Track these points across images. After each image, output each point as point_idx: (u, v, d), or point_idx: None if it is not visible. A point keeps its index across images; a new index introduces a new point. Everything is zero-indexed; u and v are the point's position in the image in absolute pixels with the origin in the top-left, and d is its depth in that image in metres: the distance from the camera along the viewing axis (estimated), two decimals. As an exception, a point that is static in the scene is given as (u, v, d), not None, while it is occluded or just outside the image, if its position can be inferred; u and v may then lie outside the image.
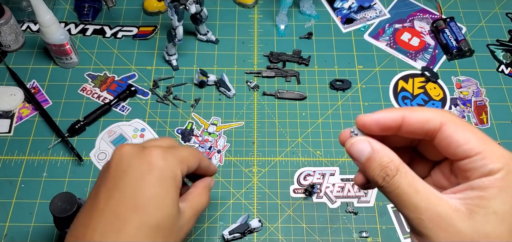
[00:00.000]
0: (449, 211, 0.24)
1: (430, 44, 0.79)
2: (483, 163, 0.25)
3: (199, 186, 0.42)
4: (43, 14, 0.66)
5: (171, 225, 0.35)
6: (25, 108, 0.71)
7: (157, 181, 0.34)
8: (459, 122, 0.27)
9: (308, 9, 0.82)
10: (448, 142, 0.26)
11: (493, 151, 0.25)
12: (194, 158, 0.40)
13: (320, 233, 0.61)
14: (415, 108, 0.28)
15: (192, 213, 0.39)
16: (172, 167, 0.35)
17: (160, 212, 0.34)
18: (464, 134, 0.26)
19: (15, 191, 0.63)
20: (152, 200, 0.34)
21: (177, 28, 0.69)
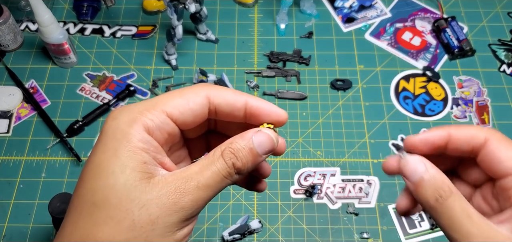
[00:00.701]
0: (501, 238, 0.24)
1: (432, 43, 0.79)
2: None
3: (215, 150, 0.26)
4: (42, 14, 0.66)
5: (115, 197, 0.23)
6: (24, 108, 0.70)
7: (101, 146, 0.24)
8: (503, 139, 0.27)
9: (308, 8, 0.81)
10: (491, 158, 0.27)
11: None
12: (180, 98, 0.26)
13: (321, 234, 0.60)
14: (460, 126, 0.29)
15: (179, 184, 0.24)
16: (120, 125, 0.24)
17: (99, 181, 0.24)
18: (508, 151, 0.26)
19: (14, 192, 0.63)
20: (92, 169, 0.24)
21: (177, 27, 0.69)
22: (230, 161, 0.25)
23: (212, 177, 0.25)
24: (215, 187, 0.25)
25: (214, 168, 0.25)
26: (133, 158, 0.24)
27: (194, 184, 0.24)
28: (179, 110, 0.26)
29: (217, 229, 0.61)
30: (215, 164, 0.25)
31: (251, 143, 0.26)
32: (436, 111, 0.71)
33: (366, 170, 0.65)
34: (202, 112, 0.27)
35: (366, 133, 0.69)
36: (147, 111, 0.25)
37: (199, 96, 0.27)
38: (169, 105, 0.26)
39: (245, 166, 0.26)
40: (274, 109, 0.28)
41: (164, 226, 0.23)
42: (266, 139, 0.27)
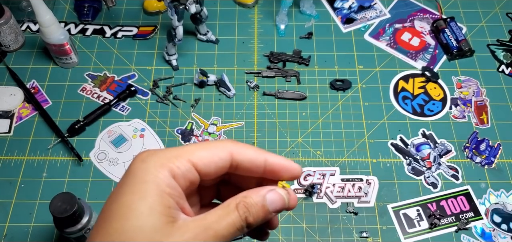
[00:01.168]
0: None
1: (431, 44, 0.79)
2: None
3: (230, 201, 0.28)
4: (43, 14, 0.66)
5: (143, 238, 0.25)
6: (25, 108, 0.71)
7: (130, 187, 0.26)
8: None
9: (308, 9, 0.82)
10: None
11: None
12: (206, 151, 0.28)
13: (321, 234, 0.61)
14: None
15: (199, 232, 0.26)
16: (150, 168, 0.26)
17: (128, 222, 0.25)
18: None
19: (15, 191, 0.63)
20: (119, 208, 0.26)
21: (177, 28, 0.69)
22: (244, 215, 0.27)
23: (227, 228, 0.27)
24: (228, 237, 0.27)
25: (229, 220, 0.27)
26: (160, 202, 0.25)
27: (212, 233, 0.26)
28: (204, 162, 0.28)
29: (217, 228, 0.61)
30: (230, 215, 0.27)
31: (264, 200, 0.28)
32: (435, 111, 0.72)
33: (365, 170, 0.66)
34: (224, 166, 0.29)
35: (366, 133, 0.69)
36: (175, 158, 0.27)
37: (224, 152, 0.28)
38: (196, 156, 0.28)
39: (255, 221, 0.28)
40: (291, 166, 0.30)
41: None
42: (278, 199, 0.29)
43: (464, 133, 0.69)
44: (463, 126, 0.70)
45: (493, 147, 0.68)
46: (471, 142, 0.69)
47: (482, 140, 0.69)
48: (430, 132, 0.70)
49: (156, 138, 0.68)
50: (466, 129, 0.70)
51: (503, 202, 0.63)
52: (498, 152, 0.68)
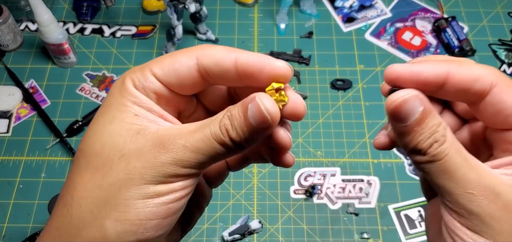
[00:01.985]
0: (503, 187, 0.21)
1: (432, 43, 0.79)
2: None
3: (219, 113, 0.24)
4: (42, 14, 0.66)
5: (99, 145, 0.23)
6: (24, 108, 0.70)
7: (101, 106, 0.25)
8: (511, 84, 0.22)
9: (308, 8, 0.81)
10: (498, 108, 0.22)
11: None
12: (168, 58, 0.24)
13: (321, 234, 0.60)
14: (462, 62, 0.23)
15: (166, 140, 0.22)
16: (115, 85, 0.24)
17: (88, 133, 0.24)
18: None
19: (14, 192, 0.63)
20: (89, 126, 0.24)
21: (177, 27, 0.69)
22: (224, 127, 0.22)
23: (202, 140, 0.22)
24: (205, 152, 0.22)
25: (207, 131, 0.22)
26: (122, 110, 0.23)
27: (182, 143, 0.22)
28: (163, 70, 0.24)
29: (217, 229, 0.60)
30: (209, 126, 0.22)
31: (246, 111, 0.22)
32: (436, 111, 0.71)
33: (366, 170, 0.65)
34: (189, 74, 0.24)
35: (366, 133, 0.69)
36: (137, 70, 0.25)
37: (187, 56, 0.24)
38: (157, 65, 0.24)
39: (240, 137, 0.22)
40: (268, 64, 0.23)
41: (141, 177, 0.22)
42: (255, 109, 0.22)
43: (465, 133, 0.69)
44: (465, 126, 0.70)
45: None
46: (472, 142, 0.68)
47: (483, 140, 0.68)
48: (431, 132, 0.69)
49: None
50: (467, 129, 0.70)
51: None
52: (500, 152, 0.67)
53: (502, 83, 0.22)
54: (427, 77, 0.22)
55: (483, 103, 0.22)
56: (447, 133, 0.22)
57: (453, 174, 0.21)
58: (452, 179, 0.21)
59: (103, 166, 0.22)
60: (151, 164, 0.22)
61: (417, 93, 0.22)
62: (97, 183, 0.22)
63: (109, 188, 0.22)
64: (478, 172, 0.21)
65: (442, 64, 0.22)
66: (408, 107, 0.22)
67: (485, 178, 0.21)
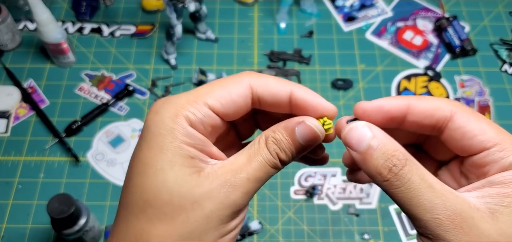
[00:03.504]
0: (469, 211, 0.21)
1: (433, 43, 0.78)
2: (503, 155, 0.22)
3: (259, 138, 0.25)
4: (40, 13, 0.65)
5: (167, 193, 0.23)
6: (22, 108, 0.70)
7: (146, 143, 0.24)
8: (471, 111, 0.24)
9: (309, 7, 0.81)
10: (461, 134, 0.23)
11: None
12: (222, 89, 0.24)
13: (321, 235, 0.60)
14: (422, 97, 0.25)
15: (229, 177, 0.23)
16: (164, 120, 0.23)
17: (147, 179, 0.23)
18: (480, 123, 0.23)
19: (12, 192, 0.62)
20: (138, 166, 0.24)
21: (176, 26, 0.68)
22: (274, 152, 0.24)
23: (260, 169, 0.24)
24: (264, 178, 0.24)
25: (260, 159, 0.24)
26: (180, 154, 0.23)
27: (245, 176, 0.23)
28: (221, 103, 0.24)
29: (216, 230, 0.60)
30: (261, 153, 0.24)
31: (293, 134, 0.24)
32: (437, 111, 0.71)
33: (367, 171, 0.65)
34: (245, 103, 0.25)
35: (367, 133, 0.68)
36: (189, 104, 0.24)
37: (241, 86, 0.25)
38: (211, 97, 0.24)
39: (288, 157, 0.25)
40: (322, 103, 0.25)
41: (218, 219, 0.23)
42: (308, 132, 0.24)
43: (467, 133, 0.69)
44: (466, 126, 0.69)
45: (496, 148, 0.67)
46: (474, 142, 0.68)
47: (485, 140, 0.68)
48: (432, 132, 0.69)
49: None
50: (469, 129, 0.69)
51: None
52: (502, 152, 0.67)
53: (462, 111, 0.24)
54: (389, 110, 0.25)
55: (447, 130, 0.24)
56: (407, 158, 0.22)
57: (419, 200, 0.22)
58: (418, 205, 0.22)
59: (178, 215, 0.23)
60: (225, 204, 0.23)
61: (365, 122, 0.24)
62: (177, 233, 0.23)
63: (190, 236, 0.23)
64: (445, 197, 0.22)
65: (402, 99, 0.25)
66: (357, 134, 0.23)
67: (452, 202, 0.21)
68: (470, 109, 0.24)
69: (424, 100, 0.24)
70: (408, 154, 0.23)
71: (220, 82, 0.25)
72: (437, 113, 0.24)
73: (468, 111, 0.24)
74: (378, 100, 0.25)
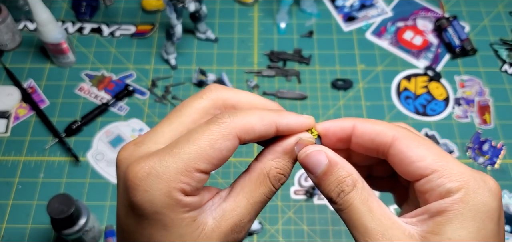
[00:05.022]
0: (401, 237, 0.22)
1: (433, 43, 0.78)
2: (441, 182, 0.22)
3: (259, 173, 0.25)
4: (40, 13, 0.65)
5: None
6: (22, 108, 0.70)
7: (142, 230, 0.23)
8: (413, 138, 0.24)
9: (309, 7, 0.81)
10: (400, 159, 0.24)
11: (452, 167, 0.23)
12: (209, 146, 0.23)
13: (322, 236, 0.60)
14: (367, 120, 0.25)
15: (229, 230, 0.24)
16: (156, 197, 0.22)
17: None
18: (419, 149, 0.23)
19: (12, 192, 0.62)
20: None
21: (176, 26, 0.68)
22: (278, 182, 0.25)
23: (261, 206, 0.25)
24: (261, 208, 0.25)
25: (262, 197, 0.25)
26: (185, 224, 0.23)
27: (247, 220, 0.24)
28: (213, 163, 0.23)
29: (216, 230, 0.60)
30: (262, 191, 0.25)
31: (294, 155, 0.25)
32: (437, 111, 0.71)
33: (367, 171, 0.65)
34: (234, 147, 0.24)
35: (367, 133, 0.68)
36: (181, 175, 0.22)
37: (230, 141, 0.23)
38: (203, 162, 0.23)
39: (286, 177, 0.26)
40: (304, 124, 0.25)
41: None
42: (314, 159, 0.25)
43: (467, 133, 0.69)
44: (466, 126, 0.69)
45: (496, 148, 0.67)
46: (474, 142, 0.68)
47: (485, 140, 0.68)
48: (432, 132, 0.69)
49: (154, 138, 0.67)
50: (469, 129, 0.69)
51: (506, 203, 0.63)
52: (501, 152, 0.67)
53: (402, 137, 0.24)
54: (335, 132, 0.26)
55: (390, 156, 0.24)
56: (357, 183, 0.23)
57: (355, 223, 0.23)
58: (354, 227, 0.23)
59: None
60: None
61: (321, 148, 0.25)
62: None
63: None
64: (380, 222, 0.22)
65: (349, 120, 0.26)
66: (313, 160, 0.24)
67: (385, 228, 0.22)
68: (412, 135, 0.24)
69: (367, 124, 0.25)
70: (359, 179, 0.24)
71: (207, 139, 0.23)
72: (378, 138, 0.25)
73: (410, 138, 0.24)
74: (326, 122, 0.26)
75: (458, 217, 0.22)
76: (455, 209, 0.22)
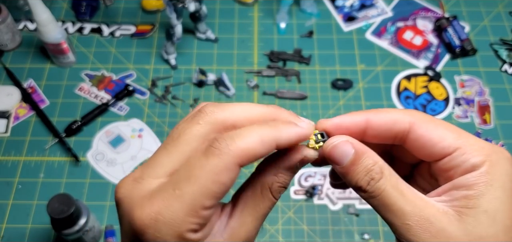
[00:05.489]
0: (437, 215, 0.23)
1: (433, 43, 0.78)
2: (465, 158, 0.23)
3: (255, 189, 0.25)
4: (40, 13, 0.65)
5: None
6: (22, 108, 0.70)
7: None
8: (429, 119, 0.25)
9: (309, 7, 0.81)
10: (421, 143, 0.24)
11: (473, 143, 0.23)
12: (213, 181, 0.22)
13: (322, 235, 0.60)
14: (380, 110, 0.26)
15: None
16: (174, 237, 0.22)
17: None
18: (438, 130, 0.24)
19: (12, 192, 0.62)
20: None
21: (176, 26, 0.68)
22: (279, 194, 0.25)
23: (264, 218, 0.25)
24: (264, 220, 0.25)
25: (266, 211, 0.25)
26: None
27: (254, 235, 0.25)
28: (217, 198, 0.23)
29: (216, 230, 0.60)
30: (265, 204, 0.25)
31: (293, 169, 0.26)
32: (437, 111, 0.71)
33: (367, 171, 0.65)
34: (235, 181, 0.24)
35: (367, 133, 0.68)
36: (189, 217, 0.22)
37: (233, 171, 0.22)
38: (208, 199, 0.22)
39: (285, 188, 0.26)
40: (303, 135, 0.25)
41: None
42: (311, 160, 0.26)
43: (467, 133, 0.69)
44: (466, 126, 0.69)
45: (496, 147, 0.67)
46: (474, 142, 0.68)
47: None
48: (432, 132, 0.69)
49: (154, 138, 0.67)
50: (469, 129, 0.69)
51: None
52: (501, 152, 0.67)
53: (420, 121, 0.25)
54: (348, 127, 0.26)
55: (409, 141, 0.25)
56: (384, 170, 0.24)
57: (391, 208, 0.23)
58: (391, 212, 0.23)
59: None
60: None
61: (347, 138, 0.25)
62: None
63: None
64: (414, 204, 0.23)
65: (361, 114, 0.26)
66: (339, 151, 0.25)
67: (420, 208, 0.23)
68: (428, 117, 0.25)
69: (381, 114, 0.26)
70: (385, 166, 0.24)
71: (209, 175, 0.22)
72: (395, 127, 0.25)
73: (426, 120, 0.25)
74: (337, 118, 0.26)
75: (488, 188, 0.22)
76: (484, 181, 0.22)
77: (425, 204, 0.23)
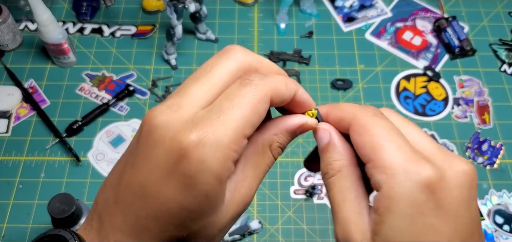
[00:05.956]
0: (357, 234, 0.22)
1: (432, 43, 0.79)
2: (373, 173, 0.22)
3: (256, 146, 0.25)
4: (41, 13, 0.66)
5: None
6: (23, 108, 0.70)
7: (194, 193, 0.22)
8: (366, 122, 0.23)
9: (308, 7, 0.81)
10: (354, 144, 0.24)
11: (385, 157, 0.22)
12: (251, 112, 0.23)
13: (321, 235, 0.60)
14: (342, 105, 0.26)
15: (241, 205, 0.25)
16: (210, 166, 0.21)
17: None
18: (362, 136, 0.23)
19: (13, 192, 0.63)
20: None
21: (176, 27, 0.68)
22: (278, 154, 0.26)
23: (264, 175, 0.26)
24: (263, 177, 0.26)
25: (266, 167, 0.26)
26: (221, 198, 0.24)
27: (254, 189, 0.26)
28: (254, 128, 0.23)
29: (217, 229, 0.60)
30: (265, 162, 0.26)
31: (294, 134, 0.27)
32: (437, 111, 0.71)
33: (366, 170, 0.65)
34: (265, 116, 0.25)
35: (367, 133, 0.68)
36: (234, 144, 0.22)
37: (266, 102, 0.23)
38: (248, 127, 0.23)
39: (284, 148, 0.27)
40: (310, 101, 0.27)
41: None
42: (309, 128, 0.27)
43: (466, 133, 0.69)
44: (465, 126, 0.70)
45: (495, 147, 0.68)
46: (473, 142, 0.68)
47: (484, 140, 0.68)
48: (432, 132, 0.69)
49: (155, 138, 0.68)
50: (468, 129, 0.69)
51: (505, 202, 0.63)
52: (500, 152, 0.67)
53: (355, 122, 0.24)
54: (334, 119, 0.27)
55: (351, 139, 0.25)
56: (342, 170, 0.24)
57: (332, 206, 0.24)
58: (332, 210, 0.25)
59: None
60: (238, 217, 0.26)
61: (328, 127, 0.26)
62: None
63: None
64: (348, 215, 0.23)
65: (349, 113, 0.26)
66: (320, 134, 0.26)
67: (346, 224, 0.23)
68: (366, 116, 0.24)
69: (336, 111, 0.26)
70: (347, 166, 0.24)
71: (249, 103, 0.23)
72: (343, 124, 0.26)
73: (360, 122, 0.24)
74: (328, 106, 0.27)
75: (387, 215, 0.21)
76: (384, 206, 0.21)
77: (356, 219, 0.23)
